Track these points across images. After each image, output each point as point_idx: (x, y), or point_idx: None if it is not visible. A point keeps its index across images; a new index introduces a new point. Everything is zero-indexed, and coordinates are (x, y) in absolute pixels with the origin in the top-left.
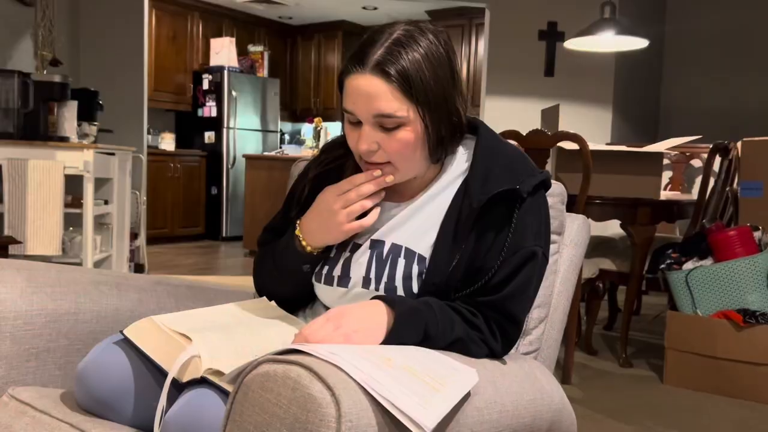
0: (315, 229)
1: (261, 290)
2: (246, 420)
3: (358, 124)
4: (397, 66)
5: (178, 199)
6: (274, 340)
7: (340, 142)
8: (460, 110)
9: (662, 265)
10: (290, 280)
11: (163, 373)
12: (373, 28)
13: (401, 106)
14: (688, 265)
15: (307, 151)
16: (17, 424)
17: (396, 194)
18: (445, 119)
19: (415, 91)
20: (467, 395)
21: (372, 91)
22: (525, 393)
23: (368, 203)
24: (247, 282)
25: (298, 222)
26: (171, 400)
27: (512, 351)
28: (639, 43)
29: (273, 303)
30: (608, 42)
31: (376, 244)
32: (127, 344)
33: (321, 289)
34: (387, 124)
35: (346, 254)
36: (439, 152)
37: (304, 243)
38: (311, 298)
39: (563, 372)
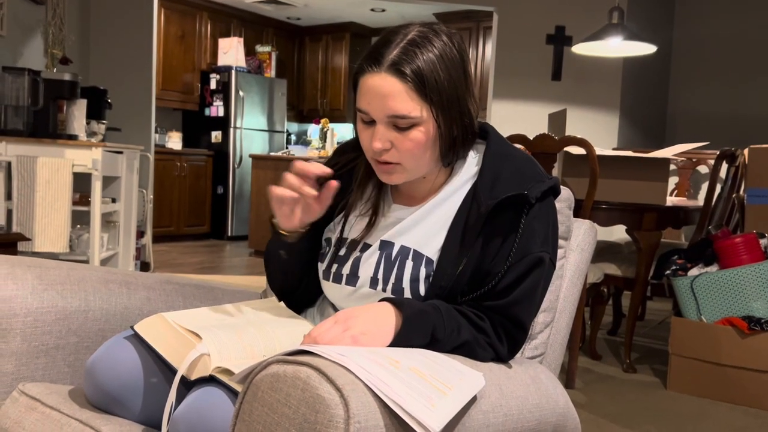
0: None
1: (269, 282)
2: (255, 420)
3: (371, 123)
4: (412, 66)
5: (184, 198)
6: (283, 340)
7: (352, 145)
8: (472, 112)
9: (667, 271)
10: (279, 269)
11: (172, 370)
12: (387, 29)
13: (415, 107)
14: (694, 272)
15: (313, 151)
16: (27, 420)
17: (406, 197)
18: (457, 120)
19: (429, 91)
20: (473, 398)
21: (387, 91)
22: (530, 397)
23: (308, 190)
24: (254, 282)
25: None
26: (179, 398)
27: (518, 355)
28: (647, 48)
29: (282, 303)
30: (616, 47)
31: (386, 246)
32: (137, 340)
33: (329, 287)
34: (401, 124)
35: (356, 254)
36: (450, 155)
37: (276, 222)
38: (309, 292)
39: (567, 376)
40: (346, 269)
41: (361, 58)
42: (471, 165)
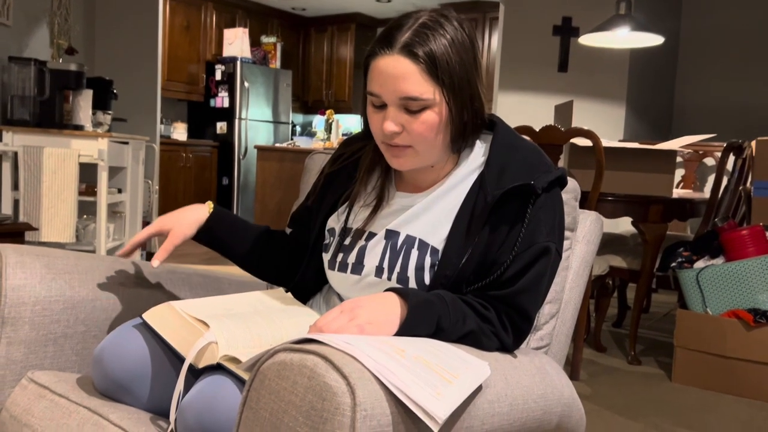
0: None
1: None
2: (262, 407)
3: (382, 107)
4: (424, 48)
5: (189, 189)
6: (290, 329)
7: (359, 137)
8: (482, 96)
9: (673, 263)
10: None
11: (180, 359)
12: (398, 15)
13: (428, 88)
14: (699, 264)
15: (318, 143)
16: (36, 407)
17: (412, 186)
18: (468, 104)
19: (441, 73)
20: (479, 388)
21: (399, 72)
22: (535, 387)
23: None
24: None
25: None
26: (187, 386)
27: (523, 345)
28: (654, 39)
29: (289, 294)
30: (623, 38)
31: (391, 235)
32: (145, 328)
33: (334, 277)
34: (412, 107)
35: (362, 243)
36: (459, 141)
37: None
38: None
39: (572, 368)
40: (351, 258)
41: (372, 42)
42: (477, 155)
